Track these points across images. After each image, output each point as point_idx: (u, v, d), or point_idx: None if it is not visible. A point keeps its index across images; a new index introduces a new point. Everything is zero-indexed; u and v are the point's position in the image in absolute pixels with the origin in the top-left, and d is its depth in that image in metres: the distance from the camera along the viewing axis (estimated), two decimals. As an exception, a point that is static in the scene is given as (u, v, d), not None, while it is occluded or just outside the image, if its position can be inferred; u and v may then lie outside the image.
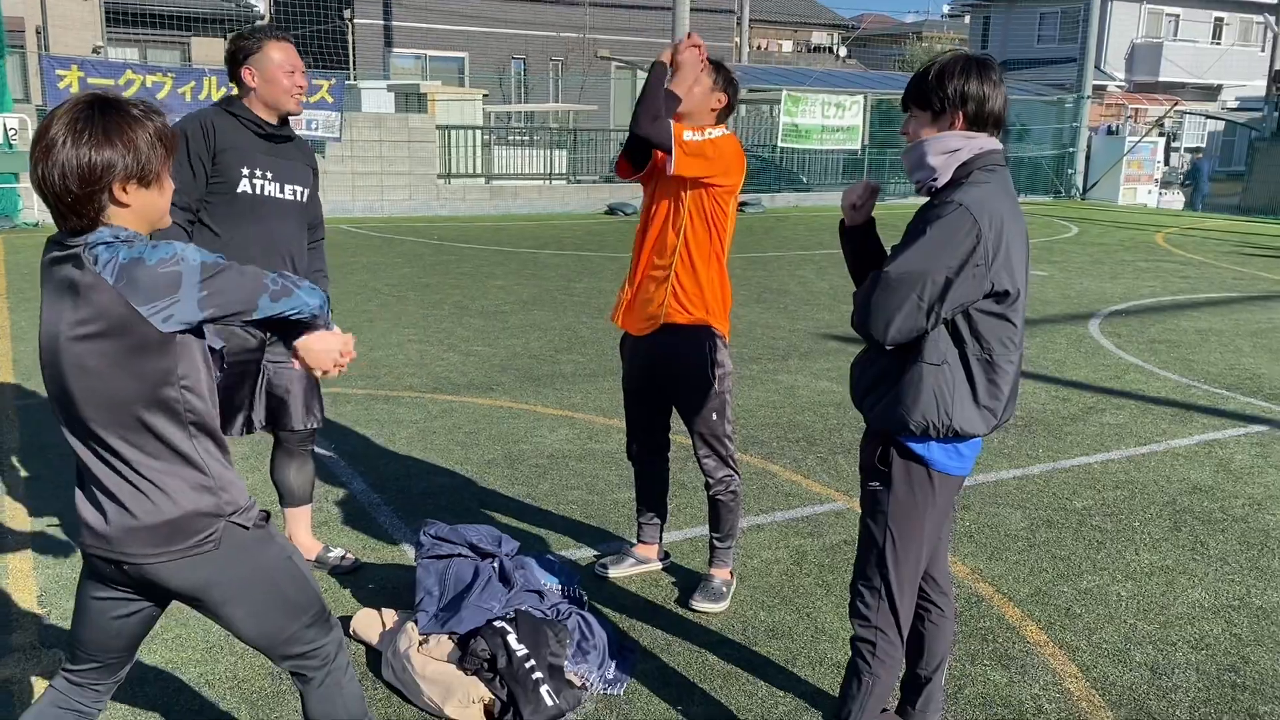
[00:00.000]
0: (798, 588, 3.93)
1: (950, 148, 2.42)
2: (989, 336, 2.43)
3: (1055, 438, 5.88)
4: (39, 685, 3.13)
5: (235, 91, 3.57)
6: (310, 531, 4.01)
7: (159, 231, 2.25)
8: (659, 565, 4.04)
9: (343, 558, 3.98)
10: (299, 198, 3.61)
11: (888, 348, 2.44)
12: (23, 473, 4.88)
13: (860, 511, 2.64)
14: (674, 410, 3.78)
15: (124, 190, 1.97)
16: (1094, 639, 3.61)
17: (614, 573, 3.95)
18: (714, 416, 3.60)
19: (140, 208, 2.02)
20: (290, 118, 3.62)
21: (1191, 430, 6.09)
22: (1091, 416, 6.32)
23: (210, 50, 23.87)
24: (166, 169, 2.05)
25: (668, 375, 3.64)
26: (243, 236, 3.46)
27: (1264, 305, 10.44)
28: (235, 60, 3.50)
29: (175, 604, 2.24)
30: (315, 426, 3.80)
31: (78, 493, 2.11)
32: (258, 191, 3.49)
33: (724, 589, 3.77)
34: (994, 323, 2.42)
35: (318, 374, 2.31)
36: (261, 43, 3.49)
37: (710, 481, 3.69)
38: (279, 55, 3.48)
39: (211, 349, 2.12)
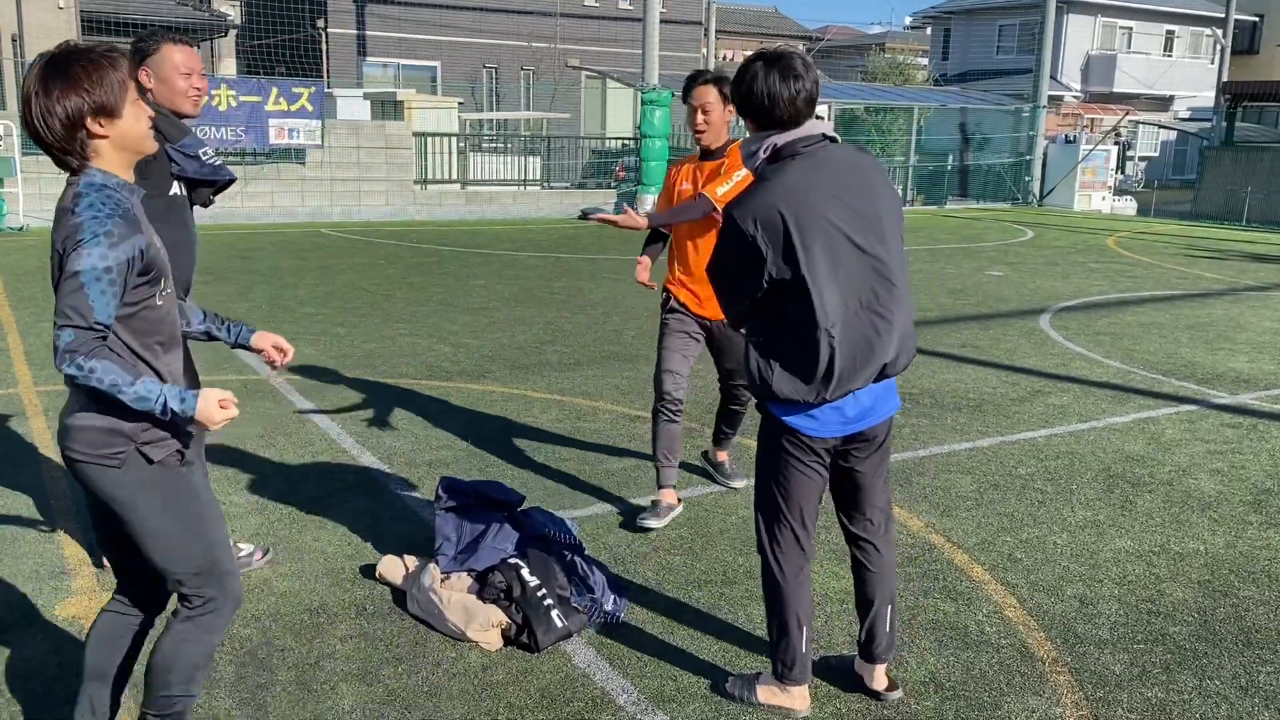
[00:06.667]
0: (771, 539, 4.40)
1: (750, 150, 2.88)
2: (793, 313, 2.75)
3: (1004, 416, 6.41)
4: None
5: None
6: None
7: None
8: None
9: (252, 554, 4.00)
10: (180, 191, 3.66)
11: (741, 329, 2.95)
12: (56, 451, 5.25)
13: None
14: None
15: (99, 124, 2.25)
16: (1031, 578, 4.12)
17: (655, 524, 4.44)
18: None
19: (117, 138, 2.29)
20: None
21: (1128, 410, 6.64)
22: (1038, 398, 6.86)
23: (184, 58, 24.05)
24: (130, 97, 2.29)
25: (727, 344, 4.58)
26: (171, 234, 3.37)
27: (1202, 301, 11.10)
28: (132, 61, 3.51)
29: None
30: None
31: None
32: (180, 191, 3.60)
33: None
34: (792, 302, 2.75)
35: None
36: (159, 45, 3.52)
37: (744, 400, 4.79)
38: (178, 57, 3.52)
39: None
